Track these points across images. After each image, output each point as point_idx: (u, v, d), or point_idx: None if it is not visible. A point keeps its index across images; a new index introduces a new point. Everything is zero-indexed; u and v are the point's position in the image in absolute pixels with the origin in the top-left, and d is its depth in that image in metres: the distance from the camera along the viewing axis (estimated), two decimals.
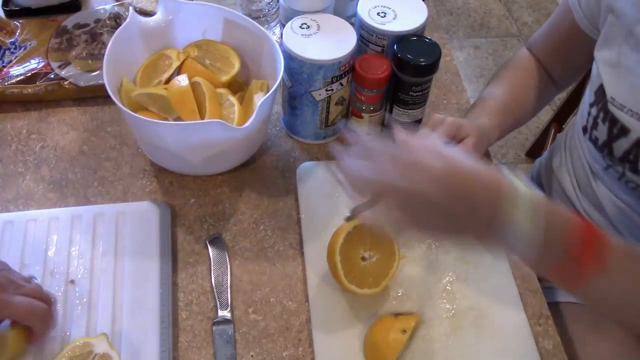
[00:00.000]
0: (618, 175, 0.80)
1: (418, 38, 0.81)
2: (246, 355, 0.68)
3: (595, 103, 0.78)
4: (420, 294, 0.73)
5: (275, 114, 0.90)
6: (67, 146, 0.86)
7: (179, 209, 0.80)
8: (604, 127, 0.76)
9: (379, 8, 0.82)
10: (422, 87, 0.81)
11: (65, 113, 0.90)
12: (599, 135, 0.78)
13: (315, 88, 0.79)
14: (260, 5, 0.93)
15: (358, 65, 0.79)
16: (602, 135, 0.77)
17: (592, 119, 0.79)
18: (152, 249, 0.73)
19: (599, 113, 0.77)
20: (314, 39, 0.78)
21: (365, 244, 0.69)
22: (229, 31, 0.84)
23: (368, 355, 0.67)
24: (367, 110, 0.84)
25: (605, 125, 0.76)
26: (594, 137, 0.79)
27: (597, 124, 0.77)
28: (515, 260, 0.77)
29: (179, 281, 0.74)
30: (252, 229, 0.79)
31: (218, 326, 0.70)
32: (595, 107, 0.78)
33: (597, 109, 0.77)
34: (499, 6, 2.47)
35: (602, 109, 0.76)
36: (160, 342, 0.66)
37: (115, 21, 0.96)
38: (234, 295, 0.73)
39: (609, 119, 0.75)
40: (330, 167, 0.83)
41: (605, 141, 0.77)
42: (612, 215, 0.85)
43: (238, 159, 0.82)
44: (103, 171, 0.83)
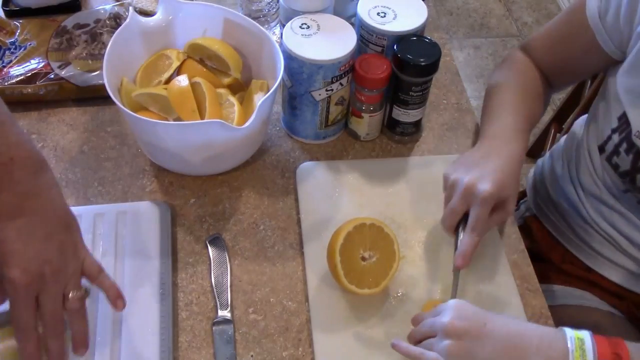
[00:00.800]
0: (637, 200, 0.78)
1: (418, 38, 0.81)
2: (246, 355, 0.68)
3: (618, 130, 0.75)
4: (420, 294, 0.73)
5: (275, 114, 0.90)
6: (67, 146, 0.86)
7: (179, 209, 0.80)
8: (628, 158, 0.74)
9: (379, 8, 0.82)
10: (422, 87, 0.81)
11: (65, 113, 0.90)
12: (621, 163, 0.75)
13: (315, 88, 0.79)
14: (260, 5, 0.93)
15: (358, 65, 0.79)
16: (625, 165, 0.75)
17: (613, 145, 0.76)
18: (152, 249, 0.73)
19: (621, 142, 0.74)
20: (314, 39, 0.78)
21: (365, 244, 0.69)
22: (229, 31, 0.84)
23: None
24: (367, 110, 0.84)
25: (629, 157, 0.74)
26: (614, 162, 0.77)
27: (619, 152, 0.75)
28: (513, 260, 0.77)
29: (179, 281, 0.74)
30: (252, 229, 0.79)
31: (218, 326, 0.70)
32: (617, 135, 0.75)
33: (619, 137, 0.75)
34: (499, 6, 2.47)
35: (625, 138, 0.74)
36: (160, 342, 0.66)
37: (115, 21, 0.96)
38: (234, 295, 0.73)
39: (634, 152, 0.73)
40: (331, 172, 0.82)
41: (628, 170, 0.75)
42: (625, 228, 0.84)
43: (238, 159, 0.82)
44: (103, 171, 0.83)
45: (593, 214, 0.87)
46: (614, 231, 0.85)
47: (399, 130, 0.88)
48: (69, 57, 0.92)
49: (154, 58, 0.83)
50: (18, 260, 0.54)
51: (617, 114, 0.75)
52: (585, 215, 0.88)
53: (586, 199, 0.88)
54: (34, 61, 0.91)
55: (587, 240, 0.90)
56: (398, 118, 0.86)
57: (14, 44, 0.94)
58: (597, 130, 0.81)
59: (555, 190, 0.95)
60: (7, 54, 0.92)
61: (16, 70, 0.90)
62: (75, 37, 0.95)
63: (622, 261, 0.87)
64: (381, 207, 0.80)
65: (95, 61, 0.92)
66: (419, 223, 0.79)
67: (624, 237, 0.84)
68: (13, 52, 0.92)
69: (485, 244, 0.77)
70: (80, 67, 0.91)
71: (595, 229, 0.87)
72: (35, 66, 0.90)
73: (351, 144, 0.89)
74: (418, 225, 0.79)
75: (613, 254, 0.88)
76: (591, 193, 0.87)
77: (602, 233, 0.87)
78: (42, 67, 0.90)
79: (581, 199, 0.89)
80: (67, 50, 0.93)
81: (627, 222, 0.83)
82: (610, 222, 0.85)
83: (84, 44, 0.94)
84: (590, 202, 0.88)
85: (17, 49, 0.93)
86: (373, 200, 0.81)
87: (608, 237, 0.86)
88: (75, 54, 0.92)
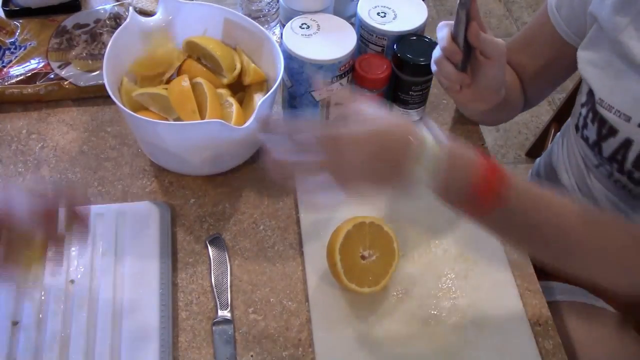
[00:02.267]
0: (607, 174, 0.81)
1: (418, 38, 0.81)
2: (246, 355, 0.68)
3: (585, 103, 0.79)
4: (420, 292, 0.73)
5: (275, 113, 0.90)
6: (67, 146, 0.86)
7: (179, 209, 0.80)
8: (594, 127, 0.77)
9: (379, 8, 0.82)
10: (421, 86, 0.81)
11: (65, 113, 0.90)
12: (589, 134, 0.79)
13: (315, 88, 0.79)
14: (260, 5, 0.93)
15: (358, 65, 0.79)
16: (592, 135, 0.78)
17: (582, 118, 0.79)
18: (152, 249, 0.73)
19: (588, 113, 0.78)
20: (314, 39, 0.78)
21: (365, 243, 0.69)
22: (229, 31, 0.84)
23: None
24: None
25: (595, 125, 0.77)
26: (585, 135, 0.80)
27: (587, 123, 0.78)
28: (514, 259, 0.77)
29: (179, 281, 0.74)
30: (252, 229, 0.79)
31: (218, 326, 0.70)
32: (585, 107, 0.78)
33: (587, 109, 0.78)
34: (499, 6, 2.47)
35: (591, 109, 0.77)
36: (160, 342, 0.66)
37: (115, 21, 0.96)
38: (234, 295, 0.73)
39: (597, 120, 0.76)
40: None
41: (595, 140, 0.78)
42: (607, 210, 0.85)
43: (238, 159, 0.82)
44: (103, 171, 0.83)
45: (583, 201, 0.88)
46: None
47: None
48: (69, 57, 0.92)
49: (155, 56, 0.82)
50: None
51: (586, 89, 0.78)
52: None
53: (577, 187, 0.90)
54: (34, 61, 0.91)
55: None
56: None
57: (14, 44, 0.94)
58: (574, 111, 0.84)
59: (551, 182, 0.97)
60: (7, 54, 0.92)
61: (16, 70, 0.90)
62: (75, 37, 0.95)
63: None
64: (380, 205, 0.80)
65: (95, 61, 0.92)
66: (419, 221, 0.79)
67: None
68: (13, 52, 0.92)
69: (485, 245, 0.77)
70: (80, 67, 0.91)
71: None
72: (35, 66, 0.90)
73: None
74: (417, 223, 0.79)
75: None
76: (579, 179, 0.89)
77: None
78: (42, 67, 0.90)
79: (574, 188, 0.90)
80: (67, 50, 0.93)
81: (609, 204, 0.84)
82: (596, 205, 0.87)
83: (84, 44, 0.94)
84: (580, 189, 0.89)
85: (17, 49, 0.93)
86: (373, 198, 0.81)
87: None
88: (75, 54, 0.92)
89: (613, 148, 0.76)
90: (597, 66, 0.76)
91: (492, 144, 1.98)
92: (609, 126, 0.74)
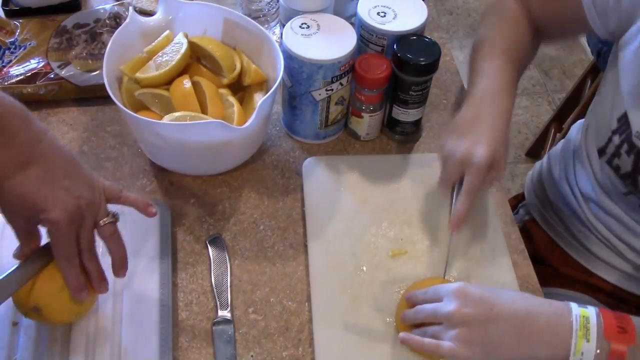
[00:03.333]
0: (639, 203, 0.78)
1: (418, 38, 0.81)
2: (246, 355, 0.68)
3: (618, 131, 0.74)
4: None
5: (275, 114, 0.90)
6: (67, 146, 0.85)
7: (179, 209, 0.80)
8: (629, 159, 0.73)
9: (379, 8, 0.82)
10: (422, 86, 0.81)
11: (65, 113, 0.90)
12: (622, 165, 0.75)
13: (315, 88, 0.79)
14: (260, 5, 0.93)
15: (358, 65, 0.79)
16: (626, 166, 0.74)
17: (614, 146, 0.75)
18: (152, 249, 0.73)
19: (622, 144, 0.74)
20: (314, 39, 0.78)
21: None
22: (229, 31, 0.84)
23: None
24: (367, 110, 0.84)
25: (631, 157, 0.73)
26: (615, 164, 0.76)
27: (620, 153, 0.75)
28: (513, 259, 0.77)
29: (179, 281, 0.74)
30: (252, 229, 0.79)
31: (218, 326, 0.70)
32: (618, 136, 0.74)
33: (620, 138, 0.74)
34: None
35: (626, 140, 0.73)
36: (160, 342, 0.66)
37: (115, 21, 0.96)
38: (234, 295, 0.73)
39: (634, 153, 0.72)
40: None
41: (629, 172, 0.75)
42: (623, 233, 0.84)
43: (238, 159, 0.82)
44: (103, 171, 0.83)
45: (591, 218, 0.87)
46: (612, 235, 0.85)
47: (398, 130, 0.88)
48: (69, 57, 0.92)
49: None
50: (54, 203, 0.56)
51: (618, 115, 0.74)
52: (583, 218, 0.88)
53: (584, 202, 0.88)
54: (34, 61, 0.91)
55: (584, 242, 0.90)
56: (398, 117, 0.86)
57: (13, 44, 0.94)
58: (597, 133, 0.81)
59: (553, 193, 0.95)
60: (7, 54, 0.92)
61: (16, 70, 0.90)
62: (75, 36, 0.95)
63: (619, 264, 0.87)
64: (385, 203, 0.81)
65: (95, 61, 0.92)
66: (423, 219, 0.79)
67: (622, 241, 0.85)
68: (13, 52, 0.92)
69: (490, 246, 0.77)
70: (80, 67, 0.91)
71: (593, 232, 0.87)
72: (35, 66, 0.90)
73: (351, 144, 0.89)
74: (422, 222, 0.79)
75: (610, 257, 0.88)
76: (589, 197, 0.87)
77: (599, 236, 0.87)
78: (42, 67, 0.90)
79: (579, 202, 0.89)
80: (67, 50, 0.93)
81: (625, 227, 0.83)
82: (607, 226, 0.85)
83: (84, 43, 0.94)
84: (588, 205, 0.87)
85: (17, 49, 0.93)
86: (376, 195, 0.81)
87: (605, 240, 0.86)
88: (75, 53, 0.92)
89: None
90: (635, 95, 0.72)
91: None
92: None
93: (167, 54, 0.79)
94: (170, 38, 0.81)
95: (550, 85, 2.19)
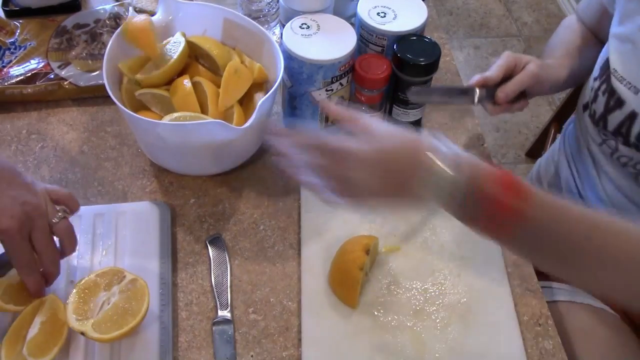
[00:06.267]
0: (611, 151, 0.82)
1: (418, 38, 0.81)
2: (246, 355, 0.68)
3: (599, 76, 0.81)
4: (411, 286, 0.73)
5: (275, 114, 0.90)
6: (67, 146, 0.86)
7: (179, 209, 0.80)
8: (603, 99, 0.79)
9: (379, 8, 0.82)
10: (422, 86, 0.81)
11: (65, 113, 0.90)
12: (597, 107, 0.81)
13: (315, 88, 0.79)
14: (260, 5, 0.93)
15: (358, 65, 0.79)
16: (600, 108, 0.80)
17: (593, 92, 0.82)
18: (152, 249, 0.73)
19: (600, 85, 0.80)
20: (314, 39, 0.78)
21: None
22: (228, 31, 0.84)
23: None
24: (367, 110, 0.84)
25: (604, 97, 0.79)
26: (592, 110, 0.82)
27: (597, 96, 0.81)
28: (513, 259, 0.77)
29: (179, 281, 0.74)
30: (252, 229, 0.79)
31: (218, 326, 0.70)
32: (598, 80, 0.81)
33: (599, 81, 0.81)
34: (499, 6, 2.47)
35: (605, 81, 0.79)
36: (160, 342, 0.66)
37: (115, 21, 0.96)
38: (234, 295, 0.73)
39: (608, 91, 0.78)
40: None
41: (601, 113, 0.80)
42: (610, 189, 0.86)
43: (238, 159, 0.82)
44: (103, 171, 0.83)
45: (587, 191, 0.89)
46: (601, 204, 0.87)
47: None
48: (69, 57, 0.92)
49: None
50: (1, 213, 0.59)
51: (601, 62, 0.81)
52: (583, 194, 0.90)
53: (578, 176, 0.90)
54: (34, 61, 0.91)
55: None
56: (398, 117, 0.86)
57: (14, 44, 0.94)
58: (583, 92, 0.87)
59: (551, 183, 0.97)
60: (7, 54, 0.92)
61: (16, 70, 0.90)
62: (75, 37, 0.95)
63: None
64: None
65: (95, 61, 0.92)
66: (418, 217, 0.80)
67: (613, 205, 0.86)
68: (13, 52, 0.92)
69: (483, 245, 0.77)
70: (80, 67, 0.91)
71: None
72: (35, 66, 0.90)
73: None
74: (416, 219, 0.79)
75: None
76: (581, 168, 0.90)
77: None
78: (42, 67, 0.90)
79: (575, 180, 0.91)
80: (67, 50, 0.93)
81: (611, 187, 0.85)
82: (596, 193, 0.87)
83: (84, 44, 0.94)
84: (580, 177, 0.90)
85: (17, 49, 0.93)
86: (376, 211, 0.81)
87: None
88: (75, 54, 0.92)
89: (618, 120, 0.78)
90: (620, 39, 0.78)
91: (492, 144, 1.98)
92: (617, 97, 0.77)
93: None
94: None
95: None
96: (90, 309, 0.63)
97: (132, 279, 0.66)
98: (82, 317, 0.62)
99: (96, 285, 0.65)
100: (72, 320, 0.62)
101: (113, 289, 0.65)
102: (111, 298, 0.64)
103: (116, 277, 0.66)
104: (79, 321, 0.62)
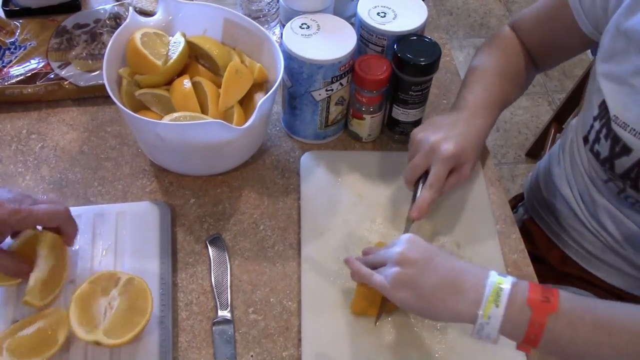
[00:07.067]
0: (618, 190, 0.79)
1: (418, 38, 0.81)
2: (246, 355, 0.68)
3: (599, 117, 0.76)
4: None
5: (275, 114, 0.90)
6: (67, 146, 0.86)
7: (179, 209, 0.80)
8: (606, 144, 0.75)
9: (379, 8, 0.82)
10: (422, 86, 0.81)
11: (65, 113, 0.90)
12: (601, 150, 0.77)
13: (315, 88, 0.79)
14: (260, 5, 0.93)
15: (358, 66, 0.79)
16: (604, 151, 0.76)
17: (594, 132, 0.77)
18: (152, 249, 0.73)
19: (601, 128, 0.75)
20: (314, 39, 0.78)
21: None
22: (229, 31, 0.84)
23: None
24: (367, 111, 0.84)
25: (608, 142, 0.75)
26: (595, 150, 0.78)
27: (599, 138, 0.76)
28: (513, 259, 0.77)
29: (179, 281, 0.74)
30: (252, 229, 0.79)
31: (218, 326, 0.70)
32: (598, 122, 0.76)
33: (600, 123, 0.76)
34: (499, 6, 2.47)
35: (605, 124, 0.75)
36: (160, 342, 0.66)
37: (115, 21, 0.96)
38: (234, 295, 0.73)
39: (611, 137, 0.74)
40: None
41: (606, 157, 0.76)
42: (610, 225, 0.85)
43: (238, 159, 0.82)
44: (103, 171, 0.83)
45: (586, 214, 0.87)
46: (602, 229, 0.86)
47: (398, 130, 0.88)
48: (69, 57, 0.92)
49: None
50: None
51: (598, 101, 0.76)
52: (580, 215, 0.89)
53: (580, 199, 0.88)
54: (34, 61, 0.91)
55: (580, 242, 0.90)
56: (398, 117, 0.86)
57: (14, 44, 0.94)
58: (583, 122, 0.82)
59: (549, 192, 0.96)
60: (7, 54, 0.92)
61: (16, 70, 0.90)
62: (75, 37, 0.95)
63: (615, 262, 0.87)
64: (381, 199, 0.81)
65: (95, 61, 0.92)
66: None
67: (611, 236, 0.85)
68: (13, 52, 0.92)
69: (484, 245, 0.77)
70: (80, 67, 0.91)
71: (588, 229, 0.88)
72: (35, 66, 0.90)
73: (351, 144, 0.89)
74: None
75: (605, 254, 0.88)
76: (582, 191, 0.87)
77: (594, 232, 0.87)
78: (42, 67, 0.90)
79: (576, 199, 0.89)
80: (67, 50, 0.93)
81: (613, 219, 0.84)
82: (597, 219, 0.86)
83: (84, 44, 0.94)
84: (583, 201, 0.88)
85: (17, 49, 0.93)
86: (372, 191, 0.82)
87: (599, 235, 0.87)
88: (75, 54, 0.92)
89: (627, 166, 0.74)
90: (614, 80, 0.74)
91: (492, 144, 1.98)
92: (622, 144, 0.73)
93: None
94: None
95: (550, 85, 2.20)
96: (94, 317, 0.63)
97: (127, 279, 0.66)
98: (89, 327, 0.62)
99: (92, 292, 0.65)
100: (80, 332, 0.62)
101: (112, 293, 0.65)
102: (113, 302, 0.64)
103: (111, 280, 0.66)
104: (89, 332, 0.62)
